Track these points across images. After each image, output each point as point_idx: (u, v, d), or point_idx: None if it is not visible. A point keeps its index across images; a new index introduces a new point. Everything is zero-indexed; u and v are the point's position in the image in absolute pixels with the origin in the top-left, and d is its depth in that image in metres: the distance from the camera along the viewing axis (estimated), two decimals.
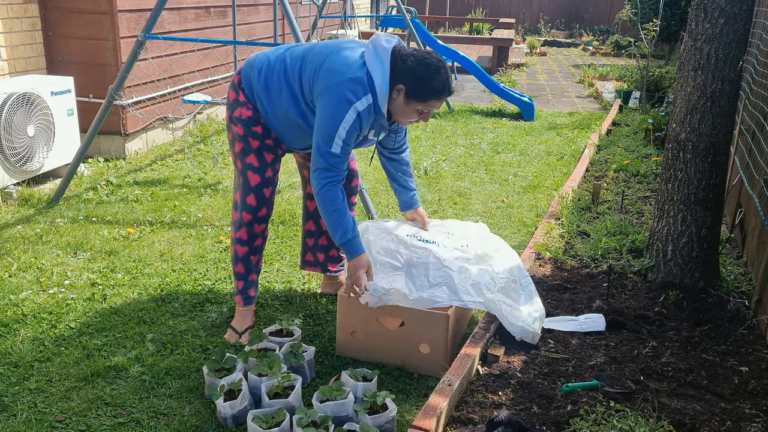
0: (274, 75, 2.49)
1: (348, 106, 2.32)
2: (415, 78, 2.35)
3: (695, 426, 2.16)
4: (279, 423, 2.06)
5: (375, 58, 2.36)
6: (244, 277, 2.75)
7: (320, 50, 2.46)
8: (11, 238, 3.60)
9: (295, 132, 2.57)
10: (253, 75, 2.53)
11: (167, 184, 4.65)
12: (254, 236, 2.70)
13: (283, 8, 4.03)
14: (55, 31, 4.94)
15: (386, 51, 2.36)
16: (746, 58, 3.32)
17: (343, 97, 2.32)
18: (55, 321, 2.79)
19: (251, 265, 2.74)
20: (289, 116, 2.51)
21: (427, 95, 2.38)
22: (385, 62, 2.35)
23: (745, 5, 2.90)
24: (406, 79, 2.36)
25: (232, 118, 2.59)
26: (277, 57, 2.53)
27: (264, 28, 7.33)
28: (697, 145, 3.07)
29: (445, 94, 2.42)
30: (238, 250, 2.71)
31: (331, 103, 2.34)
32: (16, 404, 2.26)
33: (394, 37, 2.45)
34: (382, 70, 2.34)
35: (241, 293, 2.77)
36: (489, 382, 2.42)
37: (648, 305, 3.01)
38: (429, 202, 4.49)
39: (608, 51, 14.29)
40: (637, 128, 6.70)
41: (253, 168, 2.59)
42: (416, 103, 2.40)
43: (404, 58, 2.37)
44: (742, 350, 2.66)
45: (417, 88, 2.37)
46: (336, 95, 2.33)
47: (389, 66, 2.35)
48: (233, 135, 2.62)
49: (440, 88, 2.38)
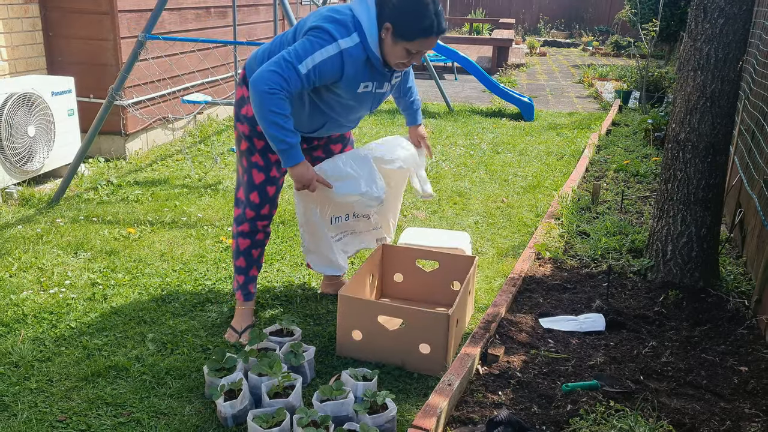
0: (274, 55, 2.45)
1: (331, 40, 2.22)
2: (401, 14, 2.23)
3: (695, 425, 2.16)
4: (279, 423, 2.06)
5: (361, 2, 2.29)
6: (245, 272, 2.75)
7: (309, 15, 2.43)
8: (12, 238, 3.60)
9: (298, 112, 2.48)
10: (255, 65, 2.52)
11: (168, 184, 4.66)
12: (256, 231, 2.71)
13: (283, 8, 4.03)
14: (55, 31, 4.95)
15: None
16: (746, 58, 3.32)
17: (326, 32, 2.23)
18: (56, 321, 2.79)
19: (252, 259, 2.75)
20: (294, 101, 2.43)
21: (413, 33, 2.25)
22: (370, 3, 2.27)
23: (744, 5, 2.90)
24: (392, 17, 2.24)
25: (238, 116, 2.58)
26: (275, 42, 2.51)
27: (264, 29, 7.33)
28: (697, 145, 3.08)
29: (434, 32, 2.27)
30: (240, 243, 2.71)
31: (314, 37, 2.24)
32: (17, 404, 2.26)
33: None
34: (368, 10, 2.25)
35: (241, 288, 2.77)
36: (489, 382, 2.42)
37: (648, 305, 3.02)
38: (429, 202, 4.50)
39: (608, 51, 14.30)
40: (637, 128, 6.71)
41: (258, 166, 2.59)
42: (403, 42, 2.27)
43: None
44: (742, 350, 2.67)
45: (402, 26, 2.24)
46: (318, 31, 2.24)
47: (375, 6, 2.26)
48: (239, 133, 2.61)
49: (427, 26, 2.24)
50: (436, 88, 7.81)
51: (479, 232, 4.01)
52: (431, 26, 2.26)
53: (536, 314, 2.94)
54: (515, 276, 3.22)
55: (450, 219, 4.21)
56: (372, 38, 2.27)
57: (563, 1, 17.48)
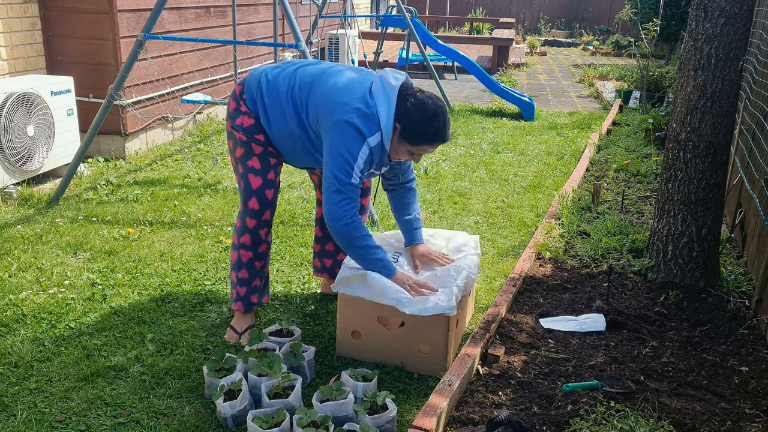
0: (281, 96, 2.49)
1: (363, 141, 2.35)
2: (411, 121, 2.37)
3: (695, 426, 2.16)
4: (279, 423, 2.06)
5: (382, 95, 2.38)
6: (247, 283, 2.69)
7: (329, 79, 2.46)
8: (11, 238, 3.60)
9: (297, 150, 2.57)
10: (257, 91, 2.53)
11: (167, 183, 4.65)
12: (258, 242, 2.65)
13: (283, 8, 4.03)
14: (54, 30, 4.94)
15: (393, 89, 2.39)
16: (746, 58, 3.31)
17: (358, 131, 2.34)
18: (55, 321, 2.79)
19: (256, 270, 2.69)
20: (294, 135, 2.53)
21: (418, 140, 2.40)
22: (391, 101, 2.37)
23: (745, 5, 2.89)
24: (402, 119, 2.38)
25: (234, 126, 2.58)
26: (285, 79, 2.52)
27: (264, 28, 7.33)
28: (698, 144, 3.07)
29: (437, 142, 2.42)
30: (242, 255, 2.66)
31: (347, 135, 2.34)
32: (16, 404, 2.26)
33: (402, 74, 2.47)
34: (387, 109, 2.37)
35: (242, 299, 2.70)
36: (489, 382, 2.41)
37: (648, 305, 3.01)
38: (429, 202, 4.49)
39: (608, 51, 14.29)
40: (638, 128, 6.70)
41: (255, 171, 2.58)
42: (408, 144, 2.42)
43: (406, 97, 2.39)
44: (743, 350, 2.66)
45: (410, 131, 2.38)
46: (350, 129, 2.34)
47: (395, 105, 2.37)
48: (235, 141, 2.60)
49: (431, 136, 2.39)
50: (436, 87, 7.81)
51: (479, 232, 4.00)
52: (436, 136, 2.40)
53: (536, 314, 2.93)
54: (515, 276, 3.21)
55: (450, 219, 4.20)
56: (387, 135, 2.39)
57: (564, 1, 17.48)
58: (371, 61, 8.48)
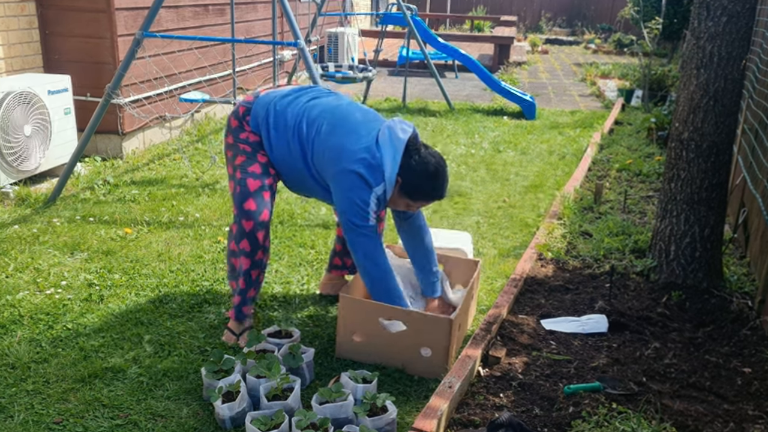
0: (288, 131, 2.52)
1: (370, 190, 2.40)
2: (412, 177, 2.42)
3: (698, 428, 2.14)
4: (278, 425, 2.04)
5: (390, 148, 2.41)
6: (243, 293, 2.65)
7: (337, 121, 2.48)
8: (8, 239, 3.57)
9: (296, 180, 2.62)
10: (263, 120, 2.55)
11: (165, 183, 4.63)
12: (257, 247, 2.58)
13: (282, 6, 4.00)
14: (52, 29, 4.92)
15: (401, 142, 2.42)
16: (749, 57, 3.29)
17: (365, 181, 2.39)
18: (52, 322, 2.77)
19: (252, 280, 2.64)
20: (296, 169, 2.56)
21: (417, 195, 2.48)
22: (397, 155, 2.41)
23: (747, 3, 2.87)
24: (404, 174, 2.43)
25: (238, 140, 2.58)
26: (293, 113, 2.53)
27: (262, 26, 7.31)
28: (700, 144, 3.05)
29: (435, 199, 2.50)
30: (243, 263, 2.61)
31: (355, 184, 2.39)
32: (13, 406, 2.24)
33: (410, 126, 2.49)
34: (392, 162, 2.40)
35: (236, 308, 2.67)
36: (490, 384, 2.39)
37: (651, 306, 2.99)
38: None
39: (610, 49, 14.27)
40: (640, 127, 6.68)
41: (255, 175, 2.55)
42: (406, 198, 2.49)
43: (411, 153, 2.43)
44: (746, 351, 2.64)
45: (411, 187, 2.45)
46: (357, 179, 2.38)
47: (400, 159, 2.41)
48: (236, 151, 2.58)
49: (430, 194, 2.47)
50: (436, 86, 7.78)
51: (480, 232, 3.98)
52: (434, 194, 2.49)
53: (538, 315, 2.91)
54: (517, 277, 3.19)
55: (451, 219, 4.18)
56: (390, 187, 2.44)
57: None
58: (371, 59, 8.46)
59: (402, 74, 9.67)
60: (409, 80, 9.13)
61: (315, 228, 3.92)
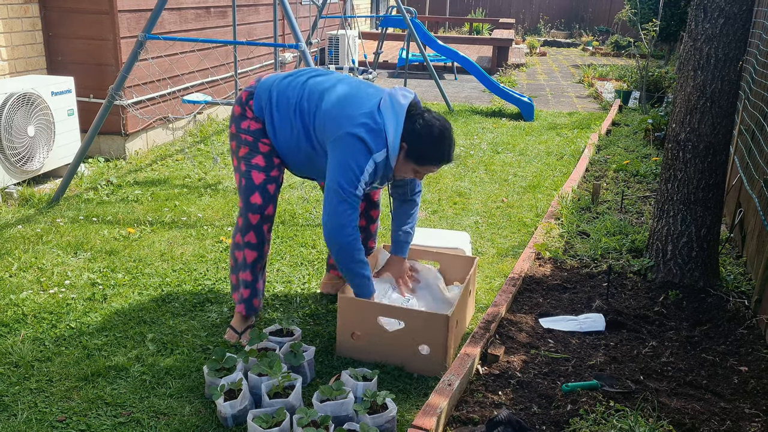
0: (290, 108, 2.52)
1: (369, 155, 2.38)
2: (417, 141, 2.41)
3: (695, 426, 2.16)
4: (279, 423, 2.06)
5: (391, 113, 2.40)
6: (251, 285, 2.68)
7: (338, 91, 2.48)
8: (12, 238, 3.60)
9: (300, 161, 2.60)
10: (266, 102, 2.55)
11: (167, 184, 4.66)
12: (262, 240, 2.62)
13: (283, 8, 4.03)
14: (55, 31, 4.95)
15: (402, 108, 2.41)
16: (746, 58, 3.32)
17: (365, 145, 2.37)
18: (56, 321, 2.79)
19: (258, 273, 2.68)
20: (300, 148, 2.55)
21: (423, 160, 2.45)
22: (399, 119, 2.40)
23: (744, 5, 2.90)
24: (409, 139, 2.41)
25: (239, 129, 2.59)
26: (294, 90, 2.53)
27: (264, 29, 7.33)
28: (697, 145, 3.08)
29: (443, 163, 2.48)
30: (247, 256, 2.63)
31: (354, 148, 2.37)
32: (17, 404, 2.26)
33: (411, 93, 2.49)
34: (395, 127, 2.39)
35: (245, 302, 2.69)
36: (489, 382, 2.42)
37: (648, 305, 3.02)
38: (429, 202, 4.49)
39: (608, 51, 14.30)
40: (637, 128, 6.71)
41: (259, 167, 2.57)
42: (413, 164, 2.47)
43: (414, 118, 2.42)
44: (742, 350, 2.67)
45: (416, 151, 2.43)
46: (358, 142, 2.37)
47: (402, 124, 2.40)
48: (239, 141, 2.60)
49: (437, 157, 2.45)
50: (436, 87, 7.81)
51: (479, 232, 4.01)
52: (441, 158, 2.46)
53: (536, 314, 2.93)
54: (515, 276, 3.21)
55: (450, 219, 4.21)
56: (393, 153, 2.42)
57: (563, 1, 17.48)
58: (371, 61, 8.48)
59: (402, 76, 9.70)
60: (409, 82, 9.16)
61: (316, 228, 3.95)
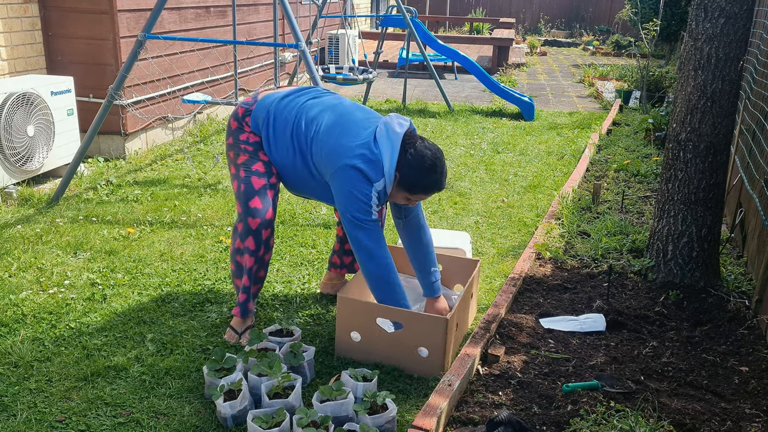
0: (286, 132, 2.54)
1: (370, 185, 2.42)
2: (409, 170, 2.43)
3: (695, 426, 2.16)
4: (279, 423, 2.06)
5: (387, 143, 2.43)
6: (248, 290, 2.68)
7: (335, 119, 2.50)
8: (11, 238, 3.60)
9: (298, 180, 2.63)
10: (263, 122, 2.57)
11: (167, 183, 4.65)
12: (261, 245, 2.61)
13: (283, 8, 4.03)
14: (54, 30, 4.94)
15: (398, 137, 2.43)
16: (746, 58, 3.31)
17: (365, 176, 2.41)
18: (55, 321, 2.79)
19: (256, 277, 2.68)
20: (296, 169, 2.58)
21: (415, 189, 2.48)
22: (395, 149, 2.42)
23: (745, 5, 2.89)
24: (403, 167, 2.44)
25: (238, 141, 2.60)
26: (292, 113, 2.55)
27: (264, 28, 7.33)
28: (698, 144, 3.07)
29: (433, 192, 2.50)
30: (247, 261, 2.63)
31: (355, 179, 2.40)
32: (16, 404, 2.26)
33: (407, 121, 2.51)
34: (390, 157, 2.42)
35: (241, 306, 2.70)
36: (489, 382, 2.41)
37: (648, 305, 3.01)
38: (429, 202, 4.49)
39: (608, 51, 14.29)
40: (638, 128, 6.70)
41: (259, 173, 2.58)
42: (405, 192, 2.49)
43: (407, 147, 2.44)
44: (743, 350, 2.66)
45: (408, 180, 2.45)
46: (357, 173, 2.40)
47: (398, 153, 2.42)
48: (237, 151, 2.61)
49: (428, 186, 2.47)
50: (436, 87, 7.81)
51: (479, 232, 4.00)
52: (432, 186, 2.48)
53: (536, 314, 2.93)
54: (515, 276, 3.21)
55: (450, 219, 4.20)
56: (389, 182, 2.46)
57: (564, 1, 17.47)
58: (371, 60, 8.48)
59: (402, 76, 9.70)
60: (409, 82, 9.15)
61: (316, 228, 3.94)
